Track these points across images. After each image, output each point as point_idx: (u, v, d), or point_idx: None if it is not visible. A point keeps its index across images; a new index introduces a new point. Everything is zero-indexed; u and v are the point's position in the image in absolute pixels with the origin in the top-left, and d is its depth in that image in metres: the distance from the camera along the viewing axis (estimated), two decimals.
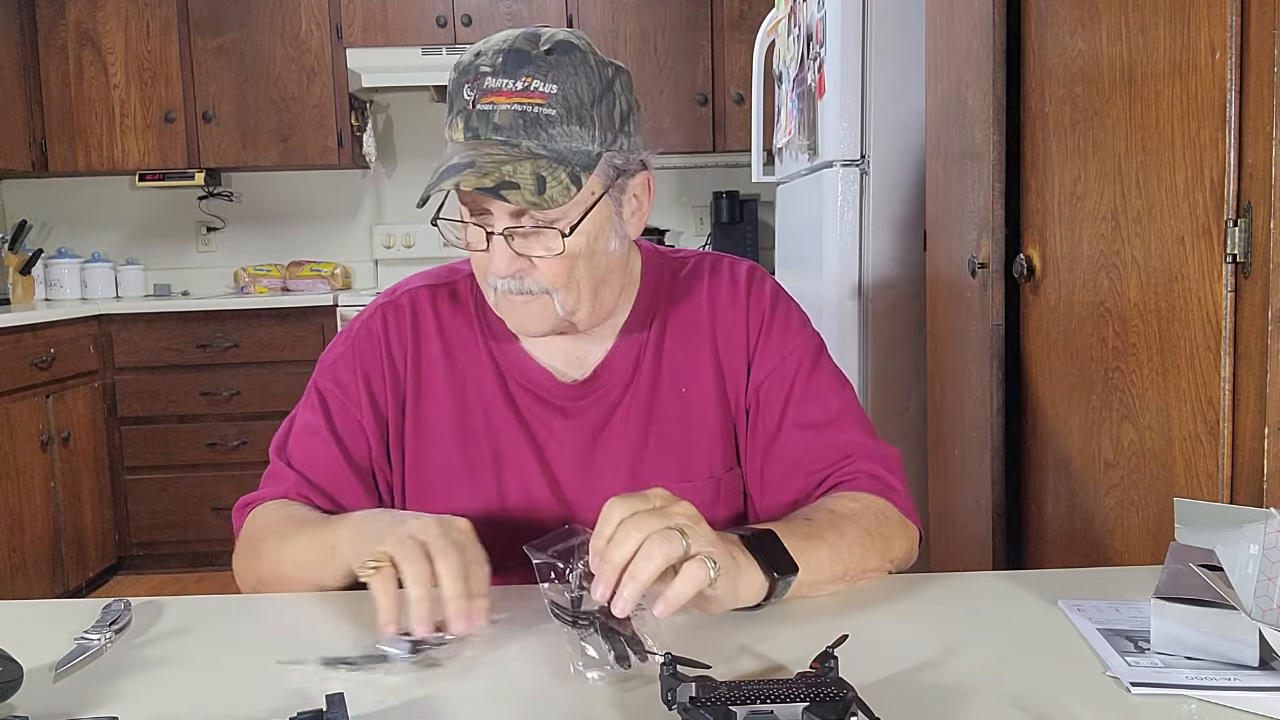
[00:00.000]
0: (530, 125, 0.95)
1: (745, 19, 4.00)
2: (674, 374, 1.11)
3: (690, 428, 1.10)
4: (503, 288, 1.01)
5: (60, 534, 3.44)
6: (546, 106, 0.95)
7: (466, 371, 1.11)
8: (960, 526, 2.06)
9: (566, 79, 0.96)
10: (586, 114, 0.97)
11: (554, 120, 0.95)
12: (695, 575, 0.76)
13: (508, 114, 0.95)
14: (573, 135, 0.96)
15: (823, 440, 1.08)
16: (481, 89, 0.95)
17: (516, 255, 0.98)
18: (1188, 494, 1.28)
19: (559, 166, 0.95)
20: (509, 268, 0.99)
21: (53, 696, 0.76)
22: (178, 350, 3.80)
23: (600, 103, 0.98)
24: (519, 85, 0.95)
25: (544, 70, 0.95)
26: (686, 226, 4.50)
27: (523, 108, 0.95)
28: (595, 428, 1.10)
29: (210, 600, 0.98)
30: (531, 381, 1.10)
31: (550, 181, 0.94)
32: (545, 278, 1.00)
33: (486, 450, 1.10)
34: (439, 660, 0.80)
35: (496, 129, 0.95)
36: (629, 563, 0.76)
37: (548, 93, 0.95)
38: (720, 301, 1.13)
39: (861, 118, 2.43)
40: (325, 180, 4.44)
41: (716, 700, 0.66)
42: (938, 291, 2.21)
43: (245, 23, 4.03)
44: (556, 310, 1.02)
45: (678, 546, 0.76)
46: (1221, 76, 1.21)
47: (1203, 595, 0.77)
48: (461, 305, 1.13)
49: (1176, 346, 1.32)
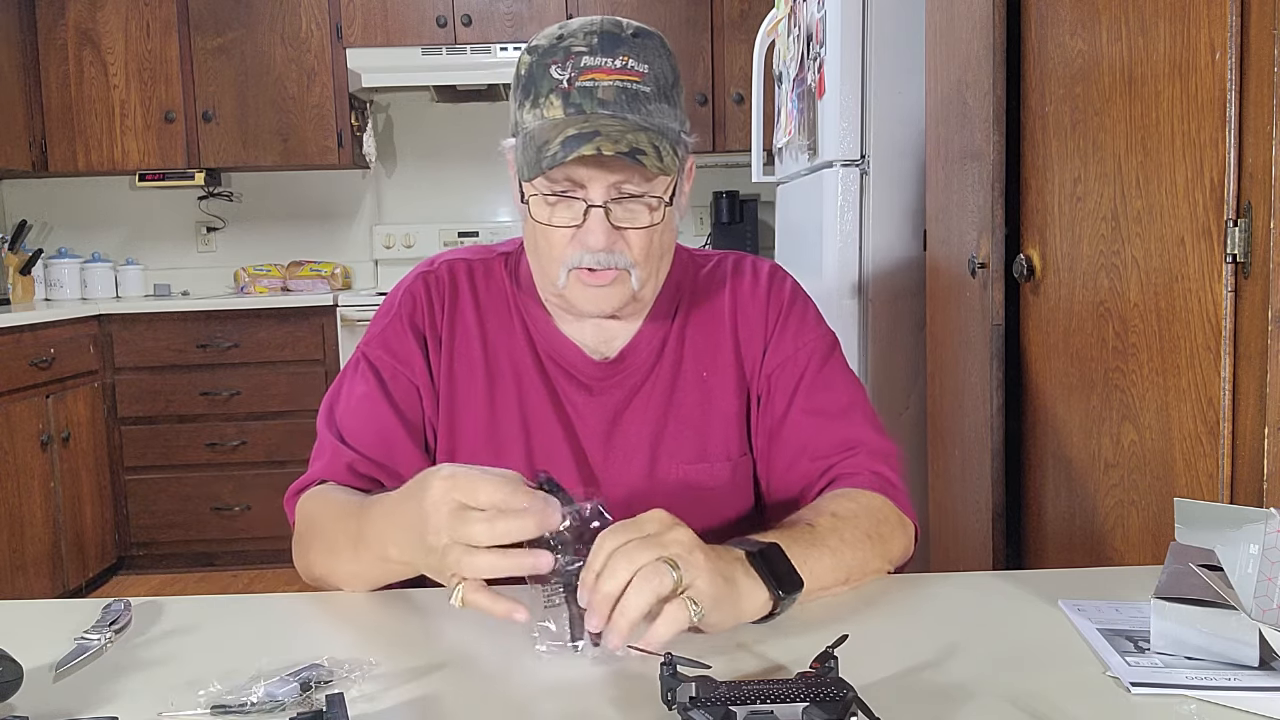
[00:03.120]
0: (632, 100, 1.00)
1: (745, 19, 4.01)
2: (696, 360, 1.15)
3: (709, 411, 1.14)
4: (590, 262, 1.03)
5: (60, 534, 3.44)
6: (643, 84, 1.00)
7: (500, 341, 1.15)
8: (960, 526, 2.06)
9: (655, 60, 1.02)
10: (671, 94, 1.03)
11: (650, 97, 1.01)
12: (676, 618, 0.77)
13: (611, 89, 0.99)
14: (664, 113, 1.02)
15: (830, 428, 1.11)
16: (579, 67, 0.99)
17: (613, 228, 1.02)
18: (1188, 494, 1.28)
19: (663, 138, 0.99)
20: (605, 241, 1.02)
21: (53, 696, 0.76)
22: (178, 350, 3.80)
23: (677, 84, 1.05)
24: (618, 63, 0.99)
25: (637, 50, 1.01)
26: (686, 226, 4.50)
27: (624, 84, 0.99)
28: (618, 407, 1.13)
29: (210, 600, 0.98)
30: (562, 356, 1.14)
31: (664, 151, 0.98)
32: (633, 252, 1.04)
33: (516, 418, 1.13)
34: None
35: (602, 104, 0.99)
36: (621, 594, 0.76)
37: (642, 71, 1.00)
38: (742, 294, 1.18)
39: (861, 118, 2.43)
40: (325, 180, 4.44)
41: (716, 700, 0.66)
42: (938, 291, 2.21)
43: (245, 23, 4.03)
44: (632, 286, 1.06)
45: (668, 580, 0.77)
46: (1221, 76, 1.21)
47: (1203, 595, 0.77)
48: (496, 280, 1.18)
49: (1176, 346, 1.31)
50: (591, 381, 1.13)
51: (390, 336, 1.14)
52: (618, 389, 1.13)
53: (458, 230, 4.41)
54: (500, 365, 1.14)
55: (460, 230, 4.41)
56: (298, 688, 0.75)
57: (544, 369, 1.14)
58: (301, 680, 0.75)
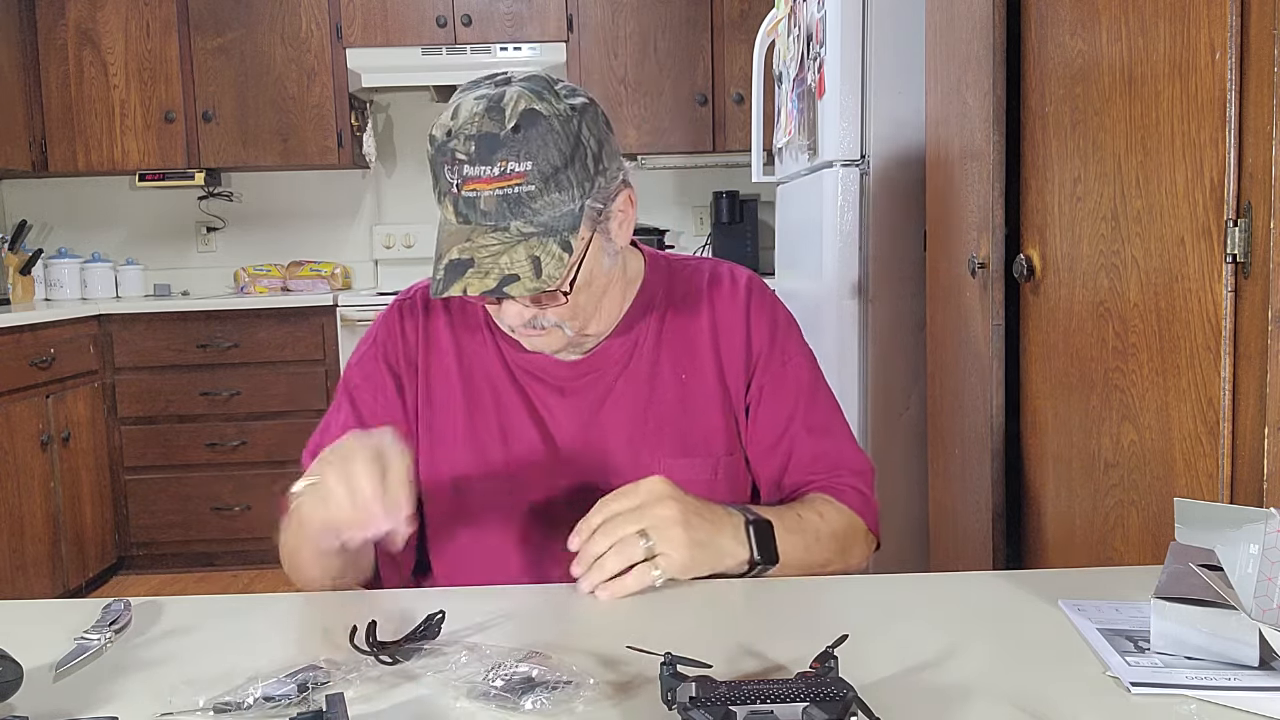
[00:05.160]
0: (514, 205, 1.00)
1: (745, 19, 4.00)
2: (673, 362, 1.19)
3: (690, 410, 1.18)
4: (516, 330, 1.10)
5: (60, 534, 3.44)
6: (525, 184, 1.00)
7: (473, 354, 1.19)
8: (960, 526, 2.06)
9: (538, 152, 0.99)
10: (563, 178, 1.01)
11: (534, 195, 1.00)
12: (640, 580, 0.96)
13: (492, 199, 1.00)
14: (554, 203, 1.02)
15: (820, 445, 1.19)
16: (462, 176, 1.00)
17: (525, 308, 1.06)
18: (1188, 494, 1.28)
19: (549, 239, 1.01)
20: (520, 320, 1.07)
21: (53, 696, 0.76)
22: (178, 350, 3.80)
23: (572, 163, 1.02)
24: (496, 170, 0.99)
25: (516, 150, 0.99)
26: (686, 226, 4.50)
27: (504, 191, 1.00)
28: (593, 406, 1.17)
29: (210, 600, 0.98)
30: (530, 362, 1.17)
31: (544, 259, 1.00)
32: (554, 315, 1.08)
33: (495, 428, 1.17)
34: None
35: (484, 215, 1.01)
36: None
37: (524, 171, 0.99)
38: (721, 300, 1.21)
39: (861, 118, 2.43)
40: (325, 180, 4.44)
41: (716, 700, 0.66)
42: (938, 291, 2.21)
43: (245, 23, 4.03)
44: (568, 334, 1.11)
45: (639, 551, 0.96)
46: (1221, 76, 1.21)
47: (1203, 595, 0.77)
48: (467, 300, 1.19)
49: (1176, 346, 1.31)
50: (563, 383, 1.17)
51: (366, 363, 1.20)
52: (590, 389, 1.17)
53: None
54: (475, 378, 1.18)
55: None
56: (296, 688, 0.75)
57: (514, 377, 1.18)
58: (300, 681, 0.75)
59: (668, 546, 0.96)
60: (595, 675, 0.76)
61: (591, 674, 0.76)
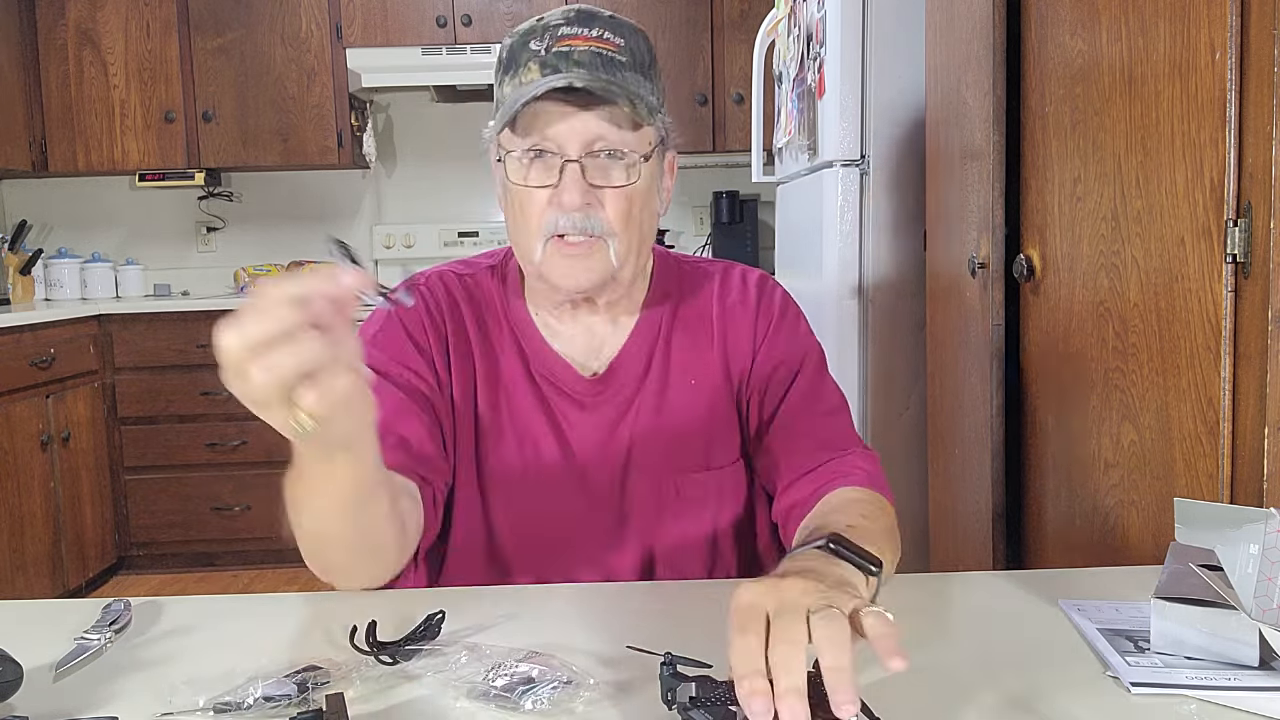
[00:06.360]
0: (608, 65, 1.01)
1: (745, 19, 4.00)
2: (682, 370, 1.15)
3: (702, 419, 1.14)
4: (565, 225, 1.02)
5: (60, 534, 3.44)
6: (619, 54, 1.03)
7: (495, 353, 1.14)
8: (960, 526, 2.06)
9: (631, 38, 1.05)
10: (648, 70, 1.05)
11: (626, 66, 1.02)
12: (878, 616, 0.65)
13: (586, 53, 1.01)
14: (640, 83, 1.03)
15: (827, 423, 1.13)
16: (556, 36, 1.02)
17: (589, 187, 1.02)
18: (1188, 494, 1.28)
19: (639, 99, 1.01)
20: (581, 199, 1.01)
21: (53, 696, 0.76)
22: (178, 350, 3.80)
23: (654, 66, 1.07)
24: (594, 33, 1.02)
25: (614, 27, 1.04)
26: (686, 226, 4.50)
27: (599, 50, 1.02)
28: (612, 421, 1.13)
29: (210, 600, 0.98)
30: (552, 373, 1.14)
31: (639, 104, 1.00)
32: (609, 218, 1.03)
33: (510, 431, 1.13)
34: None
35: (577, 64, 1.00)
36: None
37: (619, 43, 1.03)
38: (730, 300, 1.17)
39: (861, 118, 2.43)
40: (325, 180, 4.44)
41: (716, 700, 0.66)
42: (938, 291, 2.21)
43: (245, 23, 4.03)
44: (610, 259, 1.05)
45: (842, 607, 0.65)
46: (1221, 76, 1.21)
47: (1203, 595, 0.77)
48: (485, 292, 1.17)
49: (1176, 346, 1.31)
50: (584, 397, 1.13)
51: (384, 341, 1.10)
52: (609, 404, 1.14)
53: (458, 230, 4.41)
54: (496, 377, 1.14)
55: (460, 230, 4.41)
56: (296, 688, 0.75)
57: (536, 384, 1.14)
58: (300, 680, 0.75)
59: (837, 599, 0.66)
60: (595, 675, 0.76)
61: (591, 674, 0.76)
